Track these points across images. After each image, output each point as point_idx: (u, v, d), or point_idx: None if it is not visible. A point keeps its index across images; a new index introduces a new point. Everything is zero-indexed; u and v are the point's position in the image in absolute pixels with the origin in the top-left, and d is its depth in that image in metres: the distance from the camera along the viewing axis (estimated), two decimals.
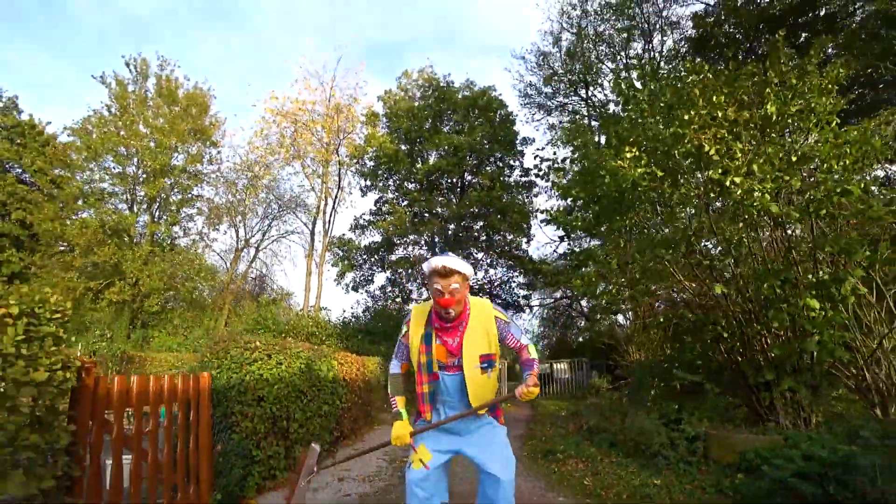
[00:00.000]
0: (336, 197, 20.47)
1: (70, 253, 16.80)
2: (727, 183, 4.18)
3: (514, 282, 21.06)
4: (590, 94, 19.98)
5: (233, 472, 3.39)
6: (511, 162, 20.50)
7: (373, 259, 20.95)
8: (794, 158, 4.25)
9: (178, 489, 2.96)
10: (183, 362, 11.06)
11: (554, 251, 19.67)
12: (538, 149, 20.20)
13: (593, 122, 18.19)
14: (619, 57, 18.70)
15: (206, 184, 20.58)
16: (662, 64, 16.28)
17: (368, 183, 20.70)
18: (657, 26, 18.03)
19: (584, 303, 17.79)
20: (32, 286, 1.81)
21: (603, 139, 12.02)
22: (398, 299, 21.09)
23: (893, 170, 5.76)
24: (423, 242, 20.58)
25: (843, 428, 3.50)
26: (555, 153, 12.85)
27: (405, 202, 19.67)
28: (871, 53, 10.32)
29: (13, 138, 18.75)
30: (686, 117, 4.52)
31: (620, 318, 12.65)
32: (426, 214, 19.43)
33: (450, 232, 19.87)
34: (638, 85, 6.34)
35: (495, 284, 20.82)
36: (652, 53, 17.98)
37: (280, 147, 18.97)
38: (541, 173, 8.60)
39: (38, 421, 1.81)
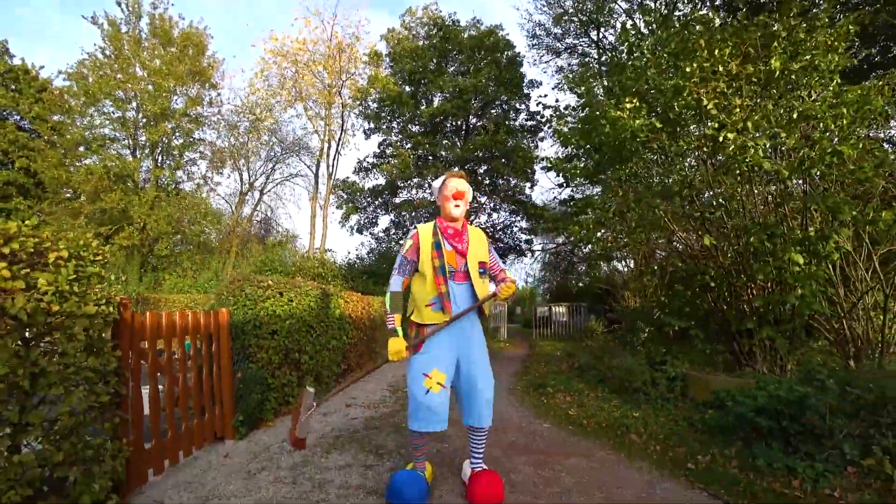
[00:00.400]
0: (339, 139, 20.31)
1: (77, 200, 17.03)
2: (720, 138, 4.27)
3: (517, 226, 21.21)
4: (600, 35, 19.20)
5: (251, 397, 3.77)
6: (517, 105, 20.04)
7: (377, 202, 21.04)
8: (794, 116, 4.30)
9: (205, 411, 3.33)
10: (195, 303, 11.56)
11: (555, 198, 19.69)
12: (542, 95, 19.71)
13: (603, 67, 17.63)
14: None
15: (208, 127, 20.47)
16: (679, 6, 15.54)
17: (372, 125, 20.41)
18: None
19: (585, 249, 18.09)
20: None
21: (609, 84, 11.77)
22: (402, 241, 21.37)
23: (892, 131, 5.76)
24: (426, 186, 20.60)
25: (803, 372, 3.80)
26: (557, 101, 12.62)
27: (409, 145, 19.47)
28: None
29: (7, 84, 18.37)
30: (688, 69, 4.53)
31: (619, 265, 12.94)
32: (430, 158, 19.29)
33: None
34: (645, 31, 6.22)
35: (498, 228, 21.00)
36: None
37: (281, 89, 18.61)
38: (544, 120, 8.55)
39: (91, 347, 2.10)
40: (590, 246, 7.12)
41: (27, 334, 1.85)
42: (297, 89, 18.79)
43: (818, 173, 4.42)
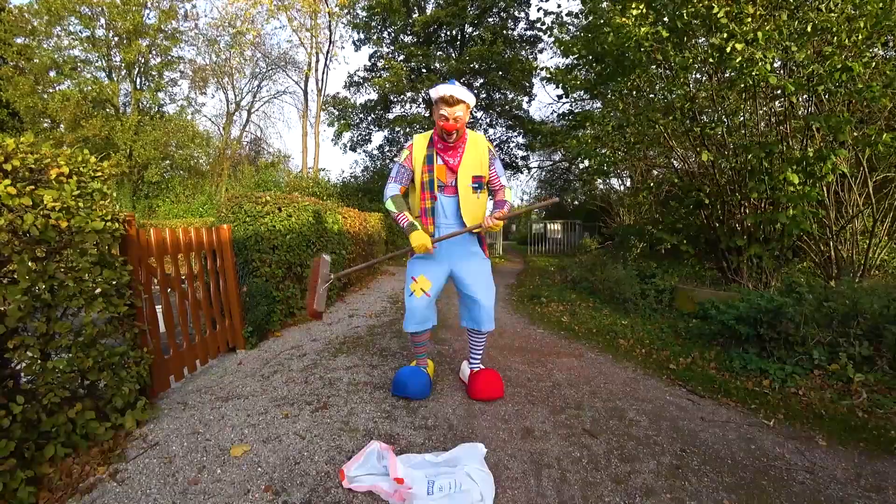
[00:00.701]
0: (328, 52, 19.20)
1: (57, 129, 16.29)
2: (728, 49, 4.10)
3: (513, 142, 20.77)
4: None
5: (258, 309, 3.94)
6: (516, 13, 18.73)
7: (370, 118, 20.34)
8: (808, 29, 4.09)
9: (216, 323, 3.50)
10: (191, 226, 11.56)
11: (553, 112, 19.11)
12: (543, 0, 18.36)
13: None
14: None
15: (186, 44, 19.23)
16: None
17: (362, 36, 19.15)
18: None
19: (582, 165, 17.91)
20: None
21: None
22: (396, 158, 21.02)
23: None
24: (420, 100, 19.82)
25: (784, 285, 3.98)
26: (559, 6, 11.81)
27: (401, 57, 18.42)
28: None
29: None
30: None
31: (615, 182, 12.91)
32: (424, 70, 18.35)
33: None
34: None
35: (494, 144, 20.55)
36: None
37: None
38: (544, 28, 8.07)
39: (104, 262, 2.17)
40: (587, 162, 7.04)
41: (41, 251, 1.90)
42: None
43: (825, 91, 4.29)
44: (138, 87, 18.17)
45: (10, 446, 1.62)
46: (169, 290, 3.02)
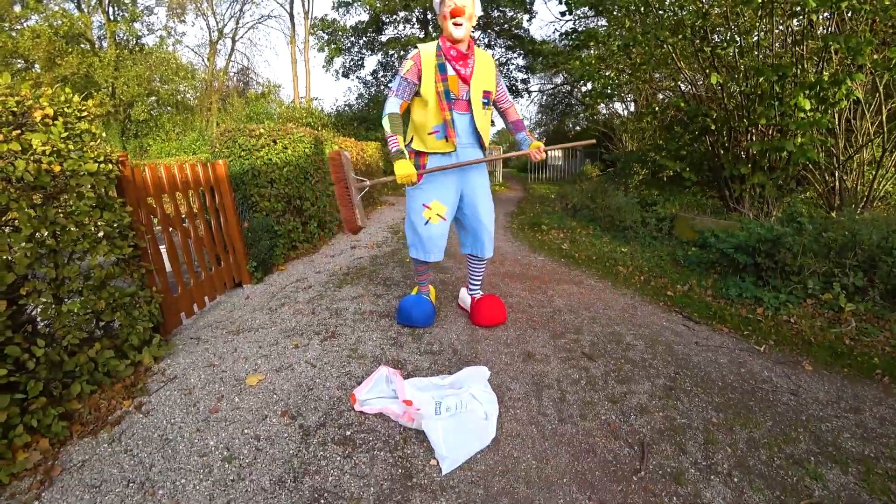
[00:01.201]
0: None
1: (32, 69, 15.36)
2: None
3: (513, 64, 19.88)
4: None
5: (261, 244, 3.97)
6: None
7: (361, 41, 19.30)
8: None
9: (220, 260, 3.54)
10: (185, 164, 11.31)
11: (555, 31, 18.06)
12: None
13: None
14: None
15: None
16: None
17: None
18: None
19: (583, 89, 17.25)
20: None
21: None
22: (391, 84, 20.18)
23: None
24: (414, 20, 18.67)
25: (785, 215, 3.98)
26: None
27: None
28: None
29: None
30: None
31: (619, 107, 12.49)
32: None
33: None
34: None
35: None
36: None
37: None
38: None
39: (102, 204, 2.16)
40: (590, 84, 6.77)
41: (38, 197, 1.88)
42: None
43: (849, 8, 4.02)
44: (112, 18, 17.03)
45: (39, 386, 1.70)
46: (171, 229, 3.02)
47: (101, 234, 2.16)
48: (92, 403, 1.95)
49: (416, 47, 2.42)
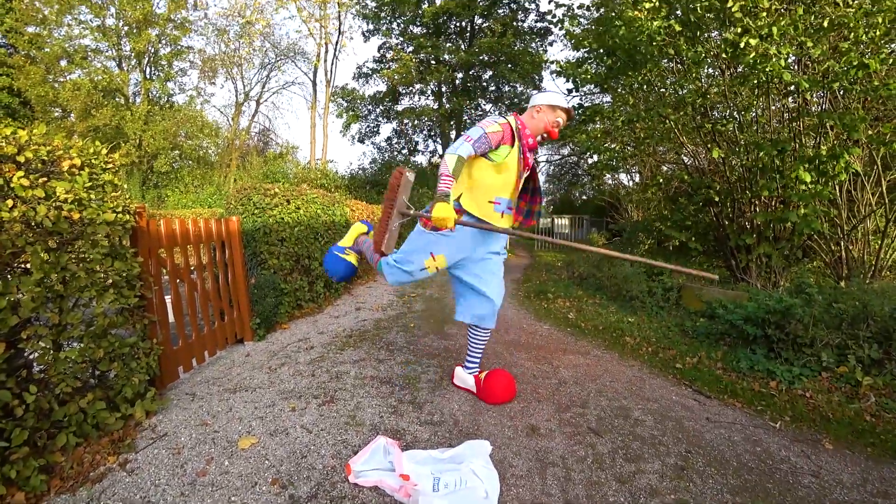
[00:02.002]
0: (337, 43, 19.19)
1: (67, 118, 16.37)
2: (742, 44, 4.04)
3: None
4: None
5: (266, 301, 3.97)
6: (526, 5, 18.60)
7: (378, 109, 20.33)
8: (824, 24, 4.02)
9: (224, 315, 3.52)
10: (200, 217, 11.63)
11: None
12: None
13: None
14: None
15: (196, 34, 19.30)
16: None
17: (371, 27, 19.12)
18: None
19: (590, 160, 17.83)
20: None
21: None
22: (404, 151, 20.98)
23: None
24: (429, 92, 19.75)
25: (794, 285, 3.95)
26: None
27: (410, 48, 18.37)
28: None
29: None
30: None
31: (624, 178, 12.83)
32: (433, 62, 18.28)
33: (457, 81, 18.91)
34: None
35: None
36: None
37: None
38: (555, 20, 8.00)
39: (115, 253, 2.19)
40: (596, 156, 7.00)
41: (53, 242, 1.92)
42: None
43: (840, 88, 4.22)
44: (148, 76, 18.25)
45: (24, 435, 1.65)
46: (178, 280, 3.04)
47: (109, 281, 2.17)
48: (76, 457, 1.87)
49: (504, 117, 2.42)
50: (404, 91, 19.46)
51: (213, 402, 2.54)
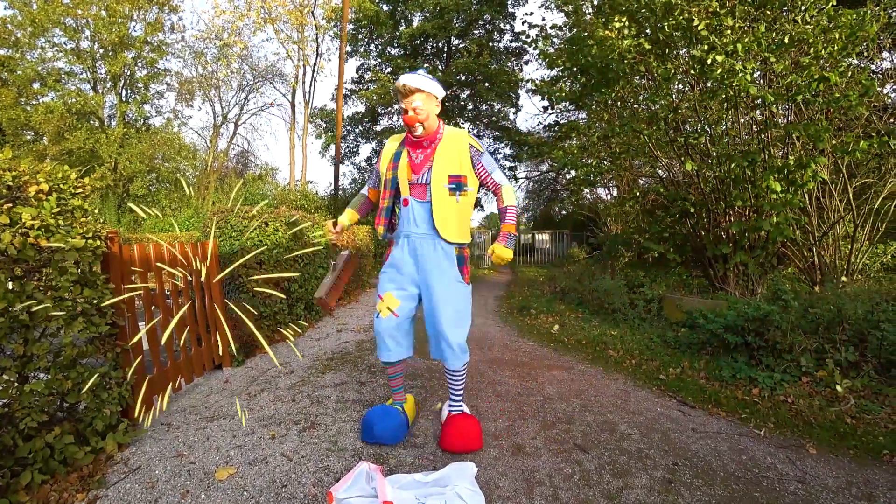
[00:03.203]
0: (315, 65, 19.32)
1: (40, 141, 16.10)
2: (709, 60, 4.19)
3: (501, 153, 20.96)
4: None
5: (245, 326, 3.88)
6: (501, 26, 19.03)
7: (357, 130, 20.42)
8: (785, 40, 4.20)
9: (201, 340, 3.43)
10: (177, 240, 11.40)
11: (539, 123, 19.33)
12: (528, 13, 18.71)
13: None
14: None
15: (173, 56, 19.26)
16: None
17: (349, 48, 19.30)
18: None
19: (568, 176, 18.11)
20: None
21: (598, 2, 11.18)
22: None
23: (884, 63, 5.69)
24: None
25: (771, 292, 4.03)
26: (543, 19, 12.03)
27: (388, 69, 18.58)
28: None
29: None
30: None
31: (602, 192, 13.04)
32: None
33: None
34: None
35: None
36: None
37: (249, 10, 17.30)
38: (529, 40, 8.19)
39: (84, 280, 2.12)
40: (573, 172, 7.11)
41: (19, 270, 1.85)
42: (265, 10, 17.48)
43: (804, 100, 4.40)
44: (124, 99, 18.06)
45: None
46: (153, 307, 2.96)
47: (78, 309, 2.09)
48: (41, 496, 1.77)
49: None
50: (383, 111, 19.61)
51: (190, 432, 2.45)
